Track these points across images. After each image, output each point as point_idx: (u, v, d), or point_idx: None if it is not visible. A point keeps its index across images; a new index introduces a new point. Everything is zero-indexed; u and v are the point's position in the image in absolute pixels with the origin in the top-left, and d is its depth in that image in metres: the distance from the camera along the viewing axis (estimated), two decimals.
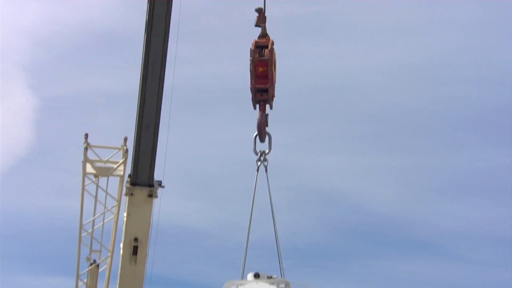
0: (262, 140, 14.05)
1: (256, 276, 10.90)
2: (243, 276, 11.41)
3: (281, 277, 11.52)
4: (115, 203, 18.77)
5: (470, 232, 56.76)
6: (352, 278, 54.07)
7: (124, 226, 17.54)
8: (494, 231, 56.37)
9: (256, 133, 14.02)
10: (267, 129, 14.14)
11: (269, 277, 11.02)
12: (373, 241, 58.16)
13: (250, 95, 14.12)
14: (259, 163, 13.72)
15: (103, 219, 19.04)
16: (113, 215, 18.94)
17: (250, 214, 12.77)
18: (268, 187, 13.30)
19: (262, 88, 13.93)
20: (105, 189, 18.75)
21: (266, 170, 13.62)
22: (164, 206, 17.82)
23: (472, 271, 55.71)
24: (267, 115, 14.06)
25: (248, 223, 12.65)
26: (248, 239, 12.32)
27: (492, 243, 56.16)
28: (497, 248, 55.72)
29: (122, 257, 17.74)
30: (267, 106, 14.17)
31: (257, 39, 14.05)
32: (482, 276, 55.48)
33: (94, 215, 19.08)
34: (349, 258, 57.88)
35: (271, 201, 13.16)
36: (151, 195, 16.80)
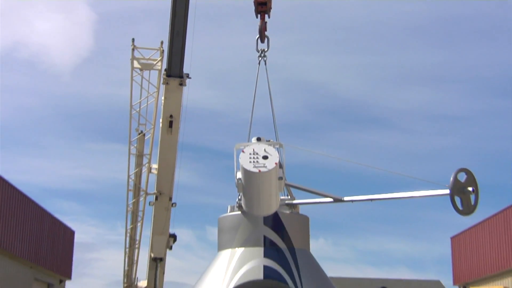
0: (262, 41, 14.89)
1: (258, 139, 11.39)
2: (249, 141, 11.84)
3: (276, 141, 12.13)
4: (155, 90, 22.19)
5: (412, 111, 67.92)
6: (329, 145, 64.56)
7: (162, 106, 20.72)
8: (431, 109, 68.01)
9: (257, 36, 14.94)
10: (266, 33, 15.03)
11: (268, 141, 11.48)
12: (343, 118, 69.40)
13: (253, 8, 15.16)
14: (260, 58, 14.47)
15: (147, 101, 22.42)
16: (154, 99, 22.29)
17: (253, 97, 13.51)
18: (267, 77, 14.10)
19: (263, 2, 15.04)
20: (147, 79, 22.07)
21: (265, 64, 14.46)
22: (191, 93, 20.98)
23: (412, 139, 68.21)
24: (266, 22, 14.82)
25: (252, 104, 13.28)
26: (252, 114, 13.06)
27: (428, 119, 67.31)
28: (432, 123, 66.73)
29: (161, 129, 21.13)
30: (266, 16, 15.20)
31: None
32: (419, 142, 67.87)
33: (140, 98, 22.35)
34: (325, 131, 68.59)
35: (269, 87, 13.95)
36: (181, 84, 19.81)
